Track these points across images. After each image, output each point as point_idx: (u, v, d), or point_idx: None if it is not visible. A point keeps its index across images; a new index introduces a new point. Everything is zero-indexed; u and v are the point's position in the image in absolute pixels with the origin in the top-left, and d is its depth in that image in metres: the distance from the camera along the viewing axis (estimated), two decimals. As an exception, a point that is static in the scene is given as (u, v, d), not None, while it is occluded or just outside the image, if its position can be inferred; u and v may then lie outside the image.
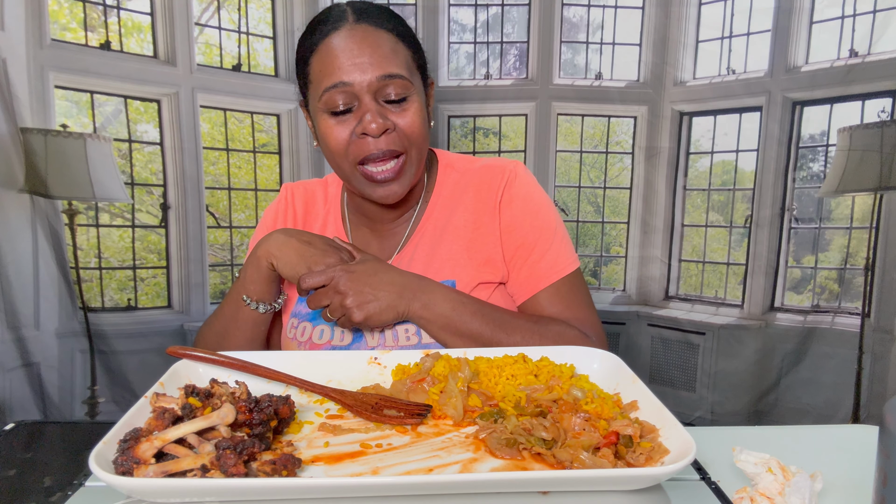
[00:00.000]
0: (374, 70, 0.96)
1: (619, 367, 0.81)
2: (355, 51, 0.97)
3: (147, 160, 2.97)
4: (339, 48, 0.97)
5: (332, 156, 1.02)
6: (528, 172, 1.13)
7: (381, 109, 0.98)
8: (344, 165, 1.02)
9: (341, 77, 0.96)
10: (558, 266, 1.07)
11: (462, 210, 1.11)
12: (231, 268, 3.23)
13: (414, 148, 1.02)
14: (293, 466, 0.60)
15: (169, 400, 0.65)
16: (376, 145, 0.98)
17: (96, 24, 2.78)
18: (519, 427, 0.66)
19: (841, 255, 2.90)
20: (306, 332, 1.09)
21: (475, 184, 1.12)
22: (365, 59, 0.97)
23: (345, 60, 0.96)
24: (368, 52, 0.97)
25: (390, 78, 0.97)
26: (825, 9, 2.87)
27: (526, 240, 1.07)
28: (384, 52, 0.98)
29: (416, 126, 1.01)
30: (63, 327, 2.66)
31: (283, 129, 3.24)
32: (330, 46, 0.98)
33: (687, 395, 3.24)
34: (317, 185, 1.24)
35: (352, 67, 0.96)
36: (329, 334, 1.07)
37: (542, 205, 1.10)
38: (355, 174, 1.02)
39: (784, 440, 0.80)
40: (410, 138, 1.01)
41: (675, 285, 3.41)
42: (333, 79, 0.97)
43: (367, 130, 0.97)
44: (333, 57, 0.97)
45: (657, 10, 3.22)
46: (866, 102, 2.76)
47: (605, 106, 3.36)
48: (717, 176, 3.31)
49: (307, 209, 1.21)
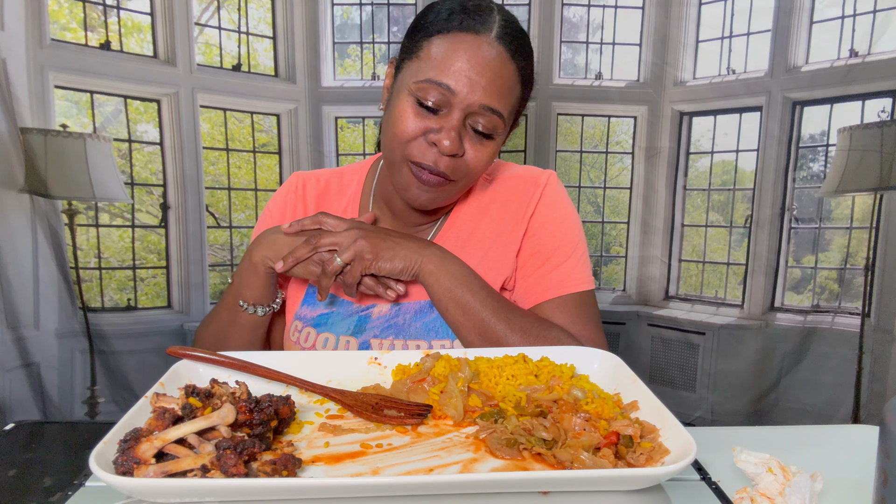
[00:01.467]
0: (484, 97, 0.92)
1: (619, 367, 0.81)
2: (478, 68, 0.92)
3: (147, 160, 2.97)
4: (465, 54, 0.92)
5: (392, 137, 0.96)
6: (559, 184, 1.10)
7: (462, 131, 0.95)
8: (396, 152, 0.97)
9: (451, 82, 0.91)
10: (570, 281, 1.04)
11: (488, 220, 1.08)
12: (231, 268, 3.23)
13: (465, 180, 1.00)
14: (293, 466, 0.60)
15: (169, 400, 0.65)
16: (436, 160, 0.94)
17: (96, 23, 2.78)
18: (519, 427, 0.66)
19: (841, 255, 2.90)
20: (310, 338, 1.07)
21: (504, 194, 1.09)
22: (483, 81, 0.92)
23: (463, 68, 0.92)
24: (489, 76, 0.92)
25: (491, 112, 0.94)
26: (825, 9, 2.87)
27: (542, 248, 1.05)
28: (501, 85, 0.94)
29: (480, 165, 0.98)
30: (63, 327, 2.65)
31: (283, 129, 3.24)
32: (459, 44, 0.92)
33: (687, 395, 3.24)
34: (331, 178, 1.18)
35: (466, 79, 0.92)
36: (334, 342, 1.05)
37: (567, 217, 1.08)
38: (403, 167, 0.97)
39: (784, 440, 0.80)
40: (469, 172, 0.98)
41: (675, 285, 3.41)
42: (442, 77, 0.92)
43: (439, 145, 0.93)
44: (456, 58, 0.92)
45: (657, 10, 3.22)
46: (866, 102, 2.76)
47: (605, 106, 3.36)
48: (717, 176, 3.31)
49: (319, 203, 1.15)
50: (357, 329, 1.05)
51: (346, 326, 1.05)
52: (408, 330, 1.03)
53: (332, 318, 1.07)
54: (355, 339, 1.04)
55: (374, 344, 1.03)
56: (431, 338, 1.02)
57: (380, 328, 1.05)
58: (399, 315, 1.05)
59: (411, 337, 1.02)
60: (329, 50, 3.19)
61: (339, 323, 1.06)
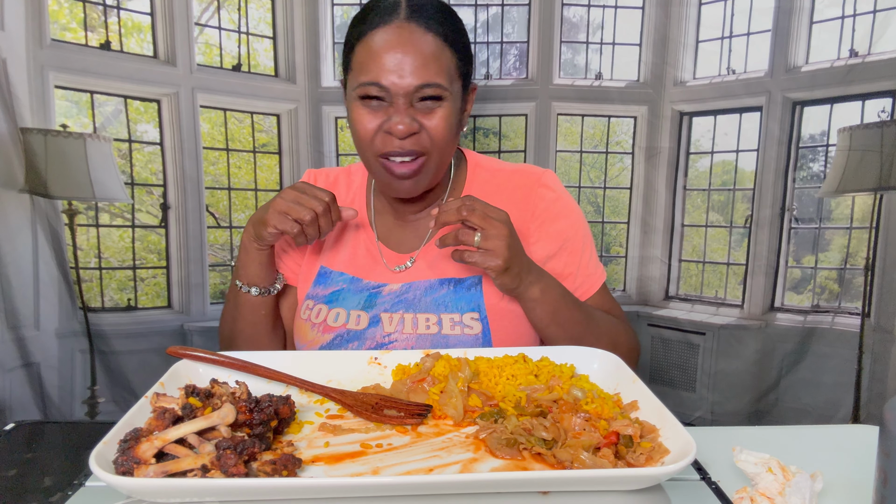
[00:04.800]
0: (413, 77, 0.98)
1: (619, 367, 0.81)
2: (398, 54, 0.97)
3: (147, 160, 2.97)
4: (382, 47, 0.98)
5: (358, 143, 1.05)
6: (558, 182, 1.15)
7: (412, 111, 1.00)
8: (367, 154, 1.05)
9: (379, 78, 0.98)
10: (592, 280, 1.13)
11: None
12: (231, 268, 3.23)
13: (436, 151, 1.03)
14: (293, 466, 0.60)
15: (169, 400, 0.65)
16: (400, 144, 1.00)
17: (96, 24, 2.78)
18: (519, 427, 0.66)
19: (841, 255, 2.90)
20: (321, 313, 1.10)
21: (508, 189, 1.13)
22: (406, 65, 0.97)
23: (386, 61, 0.97)
24: (410, 57, 0.97)
25: (426, 87, 0.99)
26: (825, 9, 2.86)
27: (559, 259, 1.11)
28: (426, 58, 0.98)
29: (441, 130, 1.02)
30: (63, 327, 2.65)
31: (283, 129, 3.23)
32: (374, 41, 0.98)
33: (687, 395, 3.24)
34: (340, 174, 1.25)
35: (390, 71, 0.97)
36: (345, 317, 1.08)
37: (573, 219, 1.13)
38: (376, 165, 1.05)
39: (784, 440, 0.80)
40: (434, 141, 1.02)
41: (675, 285, 3.41)
42: (371, 76, 0.98)
43: (392, 131, 0.99)
44: (375, 54, 0.98)
45: (657, 10, 3.22)
46: (866, 102, 2.76)
47: (605, 106, 3.36)
48: (717, 176, 3.31)
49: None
50: (368, 304, 1.09)
51: (357, 301, 1.10)
52: (418, 304, 1.07)
53: (344, 294, 1.11)
54: (366, 314, 1.08)
55: (384, 318, 1.07)
56: (441, 311, 1.05)
57: (390, 303, 1.09)
58: (409, 291, 1.09)
59: (421, 311, 1.06)
60: (329, 50, 3.19)
61: (351, 298, 1.10)
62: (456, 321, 1.02)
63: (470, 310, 1.03)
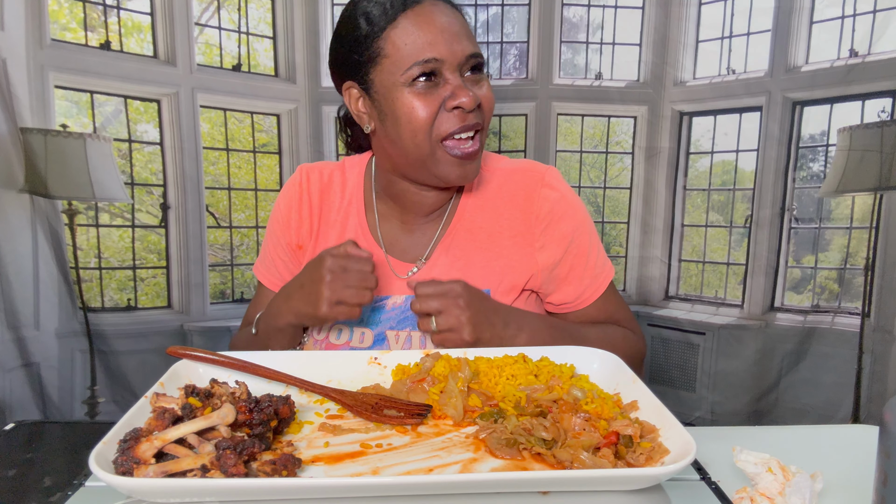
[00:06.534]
0: (464, 48, 0.95)
1: (619, 367, 0.81)
2: (444, 28, 0.94)
3: (147, 160, 2.97)
4: (427, 24, 0.94)
5: (413, 134, 0.96)
6: (561, 180, 1.10)
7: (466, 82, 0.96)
8: (423, 144, 0.96)
9: (435, 53, 0.93)
10: (599, 280, 1.09)
11: (497, 217, 1.08)
12: (231, 268, 3.23)
13: (487, 125, 1.02)
14: (293, 466, 0.60)
15: (169, 400, 0.65)
16: (465, 121, 0.95)
17: (96, 24, 2.78)
18: (519, 427, 0.66)
19: (841, 255, 2.90)
20: (323, 329, 1.06)
21: (510, 188, 1.09)
22: (455, 37, 0.95)
23: (435, 36, 0.93)
24: (456, 29, 0.95)
25: (474, 56, 0.96)
26: (825, 9, 2.86)
27: (567, 256, 1.07)
28: (467, 32, 0.98)
29: (491, 101, 1.00)
30: (63, 327, 2.65)
31: (283, 129, 3.23)
32: (415, 20, 0.94)
33: (687, 395, 3.24)
34: (334, 170, 1.16)
35: (443, 43, 0.93)
36: (348, 335, 1.05)
37: (577, 214, 1.09)
38: (436, 153, 0.97)
39: (784, 440, 0.80)
40: (486, 111, 1.00)
41: (675, 285, 3.41)
42: (425, 53, 0.93)
43: (462, 105, 0.94)
44: (423, 31, 0.94)
45: (657, 10, 3.22)
46: (866, 102, 2.76)
47: (605, 106, 3.36)
48: (717, 176, 3.31)
49: (323, 196, 1.14)
50: (372, 321, 1.05)
51: (360, 318, 1.04)
52: None
53: None
54: (370, 331, 1.04)
55: (390, 336, 1.04)
56: None
57: (396, 319, 1.05)
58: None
59: None
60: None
61: None
62: None
63: None
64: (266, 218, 3.23)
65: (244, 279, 3.24)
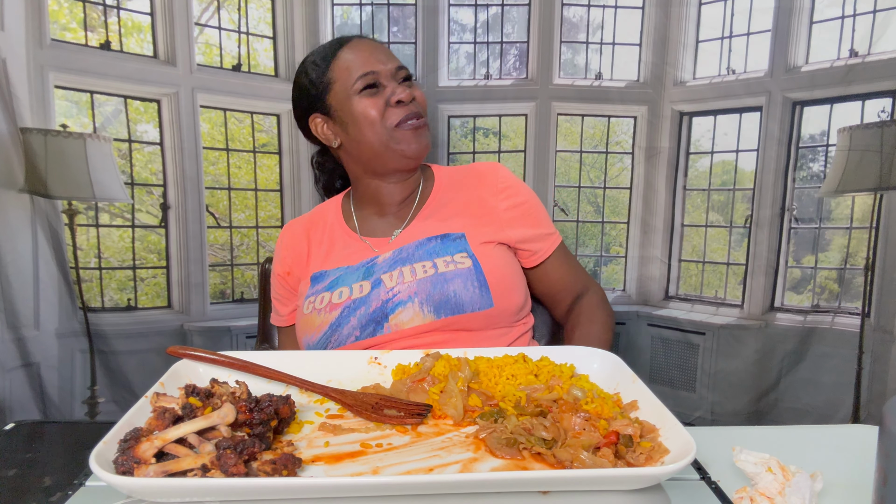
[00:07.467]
0: (391, 62, 1.23)
1: (619, 367, 0.81)
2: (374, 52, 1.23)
3: (147, 160, 2.97)
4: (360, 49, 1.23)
5: (369, 129, 1.20)
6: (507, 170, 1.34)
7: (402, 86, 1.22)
8: (381, 133, 1.20)
9: (370, 67, 1.21)
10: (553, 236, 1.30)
11: (464, 193, 1.29)
12: (231, 268, 3.23)
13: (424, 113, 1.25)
14: (293, 466, 0.60)
15: (169, 400, 0.65)
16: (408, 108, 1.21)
17: (96, 24, 2.78)
18: (519, 427, 0.66)
19: (841, 255, 2.90)
20: (325, 299, 1.17)
21: (472, 177, 1.32)
22: (382, 55, 1.24)
23: (369, 57, 1.22)
24: (382, 51, 1.25)
25: (401, 69, 1.24)
26: (825, 9, 2.86)
27: (525, 233, 1.26)
28: (390, 52, 1.27)
29: (424, 99, 1.26)
30: (63, 327, 2.65)
31: (283, 129, 3.23)
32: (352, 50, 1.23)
33: (687, 395, 3.24)
34: (313, 215, 1.38)
35: (376, 60, 1.22)
36: (348, 292, 1.16)
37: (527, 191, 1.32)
38: (393, 137, 1.21)
39: (784, 440, 0.80)
40: (422, 106, 1.25)
41: (675, 285, 3.41)
42: (364, 69, 1.20)
43: (400, 98, 1.20)
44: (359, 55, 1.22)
45: (657, 10, 3.21)
46: (866, 102, 2.76)
47: (605, 106, 3.36)
48: (717, 176, 3.31)
49: (311, 232, 1.33)
50: (367, 274, 1.18)
51: (356, 276, 1.19)
52: (412, 257, 1.18)
53: (342, 278, 1.20)
54: (367, 282, 1.17)
55: (384, 278, 1.16)
56: (434, 257, 1.16)
57: (387, 265, 1.18)
58: (402, 252, 1.20)
59: (417, 261, 1.17)
60: (329, 50, 3.18)
61: (350, 276, 1.20)
62: (448, 261, 1.15)
63: (458, 252, 1.17)
64: (266, 218, 3.23)
65: (244, 279, 3.24)
